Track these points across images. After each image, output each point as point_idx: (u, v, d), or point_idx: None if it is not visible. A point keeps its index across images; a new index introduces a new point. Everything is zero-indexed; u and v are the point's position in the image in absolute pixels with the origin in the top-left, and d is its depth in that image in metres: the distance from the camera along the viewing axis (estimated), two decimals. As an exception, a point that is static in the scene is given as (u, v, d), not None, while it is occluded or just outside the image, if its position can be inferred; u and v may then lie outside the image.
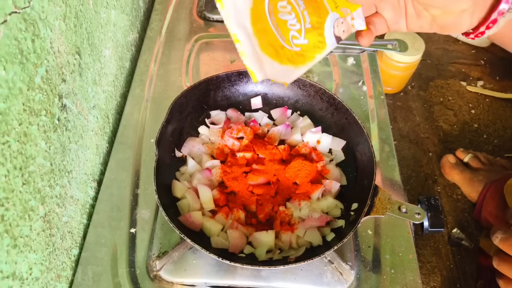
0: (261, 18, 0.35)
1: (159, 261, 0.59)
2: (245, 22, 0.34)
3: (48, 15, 0.47)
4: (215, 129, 0.71)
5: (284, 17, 0.36)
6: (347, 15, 0.40)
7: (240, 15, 0.34)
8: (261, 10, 0.35)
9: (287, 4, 0.36)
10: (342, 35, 0.41)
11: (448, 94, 1.38)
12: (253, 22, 0.34)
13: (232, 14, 0.34)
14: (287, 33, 0.37)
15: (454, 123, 1.29)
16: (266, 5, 0.35)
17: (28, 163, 0.44)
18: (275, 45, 0.36)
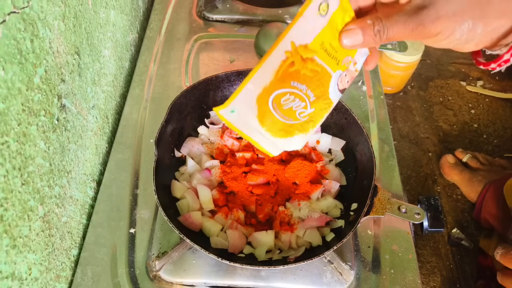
0: (268, 116, 0.37)
1: (158, 261, 0.59)
2: (255, 126, 0.37)
3: (47, 15, 0.47)
4: (215, 129, 0.71)
5: (288, 106, 0.38)
6: (349, 64, 0.40)
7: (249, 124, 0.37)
8: (267, 112, 0.37)
9: (290, 95, 0.37)
10: (347, 85, 0.41)
11: (448, 94, 1.38)
12: (261, 123, 0.37)
13: (243, 125, 0.37)
14: (294, 115, 0.39)
15: (454, 123, 1.29)
16: (270, 106, 0.37)
17: (27, 163, 0.44)
18: (285, 129, 0.39)
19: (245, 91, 0.35)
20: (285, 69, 0.36)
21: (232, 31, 0.92)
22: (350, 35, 0.36)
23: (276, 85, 0.36)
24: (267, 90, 0.36)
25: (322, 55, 0.37)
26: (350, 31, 0.36)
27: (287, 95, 0.37)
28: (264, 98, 0.36)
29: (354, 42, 0.37)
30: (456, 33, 0.35)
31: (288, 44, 0.35)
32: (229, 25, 0.94)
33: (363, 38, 0.36)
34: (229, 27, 0.93)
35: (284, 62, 0.36)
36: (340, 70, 0.39)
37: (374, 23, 0.35)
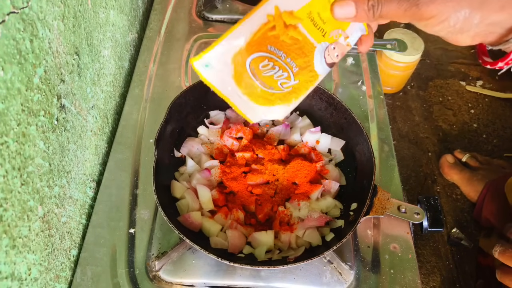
0: (245, 79, 0.36)
1: (158, 261, 0.59)
2: (233, 87, 0.36)
3: (46, 15, 0.47)
4: (214, 129, 0.71)
5: (268, 73, 0.37)
6: (339, 37, 0.38)
7: (225, 83, 0.36)
8: (244, 74, 0.36)
9: (268, 61, 0.36)
10: (336, 59, 0.40)
11: (447, 94, 1.38)
12: (238, 85, 0.36)
13: (219, 83, 0.36)
14: (275, 84, 0.38)
15: (454, 123, 1.29)
16: (248, 69, 0.36)
17: (26, 164, 0.44)
18: (265, 96, 0.38)
19: (220, 47, 0.34)
20: (264, 32, 0.35)
21: (231, 31, 0.92)
22: (343, 6, 0.36)
23: (253, 47, 0.35)
24: (243, 50, 0.35)
25: (307, 24, 0.36)
26: (343, 2, 0.35)
27: (265, 60, 0.36)
28: (240, 58, 0.35)
29: (346, 14, 0.36)
30: (451, 19, 0.34)
31: (272, 7, 0.34)
32: (229, 25, 0.93)
33: (355, 11, 0.35)
34: (229, 27, 0.93)
35: (264, 25, 0.34)
36: (326, 42, 0.38)
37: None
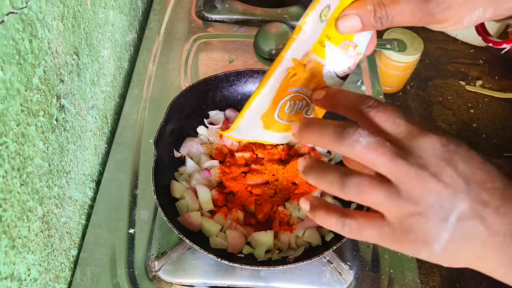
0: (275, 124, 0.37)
1: (158, 261, 0.59)
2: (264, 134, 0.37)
3: (45, 16, 0.47)
4: (214, 129, 0.71)
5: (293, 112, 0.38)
6: (348, 48, 0.37)
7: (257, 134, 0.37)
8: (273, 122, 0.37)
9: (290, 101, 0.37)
10: (349, 70, 0.39)
11: (447, 94, 1.38)
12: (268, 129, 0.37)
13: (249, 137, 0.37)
14: (301, 116, 0.39)
15: (453, 123, 1.29)
16: (277, 119, 0.37)
17: (26, 164, 0.44)
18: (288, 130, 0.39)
19: (248, 114, 0.35)
20: (286, 83, 0.35)
21: (231, 31, 0.92)
22: (347, 20, 0.34)
23: (278, 99, 0.36)
24: (271, 108, 0.36)
25: (317, 50, 0.35)
26: (347, 17, 0.33)
27: (288, 102, 0.36)
28: (268, 114, 0.36)
29: (352, 29, 0.34)
30: (464, 20, 0.33)
31: (290, 62, 0.34)
32: (228, 25, 0.94)
33: (361, 25, 0.34)
34: (228, 27, 0.93)
35: (286, 78, 0.35)
36: None
37: (376, 10, 0.33)
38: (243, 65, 0.86)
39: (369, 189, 0.27)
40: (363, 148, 0.27)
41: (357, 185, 0.28)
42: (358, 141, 0.27)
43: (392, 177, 0.27)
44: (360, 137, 0.27)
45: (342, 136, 0.28)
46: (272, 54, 0.85)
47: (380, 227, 0.28)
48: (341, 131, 0.28)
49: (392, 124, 0.28)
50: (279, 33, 0.85)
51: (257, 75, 0.73)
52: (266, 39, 0.85)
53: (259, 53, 0.87)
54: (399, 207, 0.27)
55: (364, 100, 0.30)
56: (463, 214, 0.26)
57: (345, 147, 0.28)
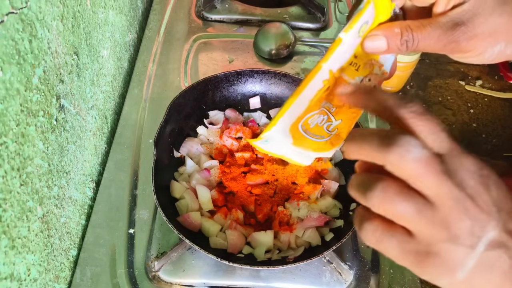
0: (303, 141, 0.36)
1: (157, 261, 0.59)
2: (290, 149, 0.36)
3: (45, 16, 0.47)
4: (214, 129, 0.71)
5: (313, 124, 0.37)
6: (373, 68, 0.38)
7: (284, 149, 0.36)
8: (301, 137, 0.36)
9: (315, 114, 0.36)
10: None
11: (447, 94, 1.38)
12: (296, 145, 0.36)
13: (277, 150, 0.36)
14: (322, 131, 0.37)
15: (453, 123, 1.29)
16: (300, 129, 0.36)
17: (26, 164, 0.44)
18: (319, 145, 0.37)
19: (281, 123, 0.34)
20: (320, 95, 0.35)
21: (231, 31, 0.92)
22: (374, 41, 0.34)
23: (308, 111, 0.35)
24: (300, 117, 0.35)
25: (345, 67, 0.35)
26: (375, 37, 0.34)
27: (314, 115, 0.36)
28: (296, 123, 0.35)
29: (377, 49, 0.34)
30: (487, 53, 0.34)
31: (327, 73, 0.34)
32: (228, 25, 0.94)
33: (387, 46, 0.34)
34: (228, 27, 0.93)
35: (320, 90, 0.34)
36: (360, 76, 0.37)
37: (403, 33, 0.33)
38: (243, 65, 0.86)
39: (397, 197, 0.25)
40: (414, 160, 0.25)
41: (383, 191, 0.26)
42: (409, 151, 0.25)
43: (432, 194, 0.25)
44: (412, 148, 0.25)
45: (391, 144, 0.25)
46: (272, 54, 0.85)
47: (403, 242, 0.26)
48: (389, 139, 0.26)
49: (437, 138, 0.26)
50: (279, 33, 0.85)
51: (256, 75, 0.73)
52: (266, 39, 0.85)
53: (259, 53, 0.87)
54: (432, 227, 0.25)
55: (407, 104, 0.27)
56: (491, 242, 0.25)
57: (393, 156, 0.25)
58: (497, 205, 0.25)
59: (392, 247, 0.26)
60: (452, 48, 0.33)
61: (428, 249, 0.25)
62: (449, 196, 0.25)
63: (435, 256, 0.25)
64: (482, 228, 0.25)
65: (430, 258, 0.25)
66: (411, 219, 0.25)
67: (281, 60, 0.87)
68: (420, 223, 0.25)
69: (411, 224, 0.26)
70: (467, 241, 0.25)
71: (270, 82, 0.74)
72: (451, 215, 0.25)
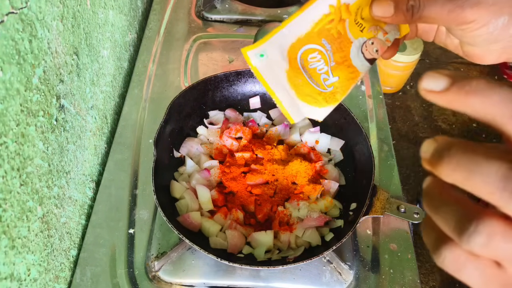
0: (297, 74, 0.35)
1: (157, 261, 0.59)
2: (282, 81, 0.34)
3: (45, 16, 0.47)
4: (214, 129, 0.71)
5: (314, 65, 0.36)
6: (378, 32, 0.38)
7: (276, 76, 0.34)
8: (295, 67, 0.35)
9: (318, 54, 0.36)
10: (376, 54, 0.39)
11: (446, 94, 1.38)
12: (289, 79, 0.35)
13: (269, 75, 0.34)
14: (318, 78, 0.37)
15: (453, 123, 1.29)
16: (299, 61, 0.35)
17: (26, 164, 0.44)
18: (312, 94, 0.36)
19: (280, 35, 0.33)
20: (323, 24, 0.34)
21: (231, 31, 0.92)
22: (381, 4, 0.35)
23: (310, 38, 0.34)
24: (300, 41, 0.34)
25: (351, 19, 0.36)
26: (382, 1, 0.35)
27: (316, 52, 0.35)
28: (295, 49, 0.34)
29: (384, 13, 0.35)
30: (490, 25, 0.33)
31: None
32: (228, 25, 0.94)
33: (394, 11, 0.34)
34: (228, 27, 0.93)
35: (326, 16, 0.34)
36: (364, 38, 0.37)
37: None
38: (243, 65, 0.86)
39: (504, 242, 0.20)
40: None
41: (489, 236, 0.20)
42: None
43: None
44: None
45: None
46: (272, 54, 0.85)
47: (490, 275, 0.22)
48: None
49: None
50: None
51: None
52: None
53: (259, 53, 0.87)
54: None
55: None
56: None
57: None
58: None
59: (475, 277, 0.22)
60: (457, 15, 0.33)
61: None
62: None
63: None
64: None
65: None
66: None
67: (281, 60, 0.87)
68: None
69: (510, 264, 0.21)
70: None
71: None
72: None
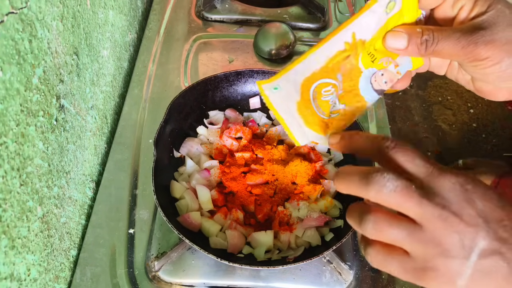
0: (307, 105, 0.36)
1: (157, 261, 0.59)
2: (292, 110, 0.35)
3: (45, 16, 0.47)
4: (214, 129, 0.71)
5: (327, 98, 0.37)
6: (389, 64, 0.38)
7: (287, 107, 0.35)
8: (306, 99, 0.36)
9: (332, 87, 0.36)
10: (385, 86, 0.39)
11: (447, 94, 1.38)
12: (299, 110, 0.36)
13: (280, 106, 0.35)
14: (327, 109, 0.37)
15: (453, 123, 1.29)
16: (311, 93, 0.35)
17: (25, 164, 0.44)
18: (320, 124, 0.37)
19: (295, 71, 0.34)
20: (339, 60, 0.35)
21: (231, 31, 0.92)
22: (395, 37, 0.35)
23: (324, 73, 0.35)
24: (315, 75, 0.35)
25: (365, 52, 0.36)
26: (396, 33, 0.35)
27: (330, 86, 0.36)
28: (309, 82, 0.35)
29: (397, 45, 0.35)
30: (503, 63, 0.34)
31: (350, 34, 0.34)
32: (228, 25, 0.94)
33: (407, 43, 0.35)
34: (228, 27, 0.93)
35: (340, 52, 0.34)
36: (374, 68, 0.37)
37: (424, 32, 0.34)
38: (243, 65, 0.86)
39: (387, 227, 0.28)
40: (390, 192, 0.28)
41: (374, 223, 0.29)
42: (385, 186, 0.28)
43: (417, 217, 0.28)
44: (386, 182, 0.28)
45: (368, 182, 0.28)
46: (272, 54, 0.85)
47: (402, 262, 0.29)
48: (367, 177, 0.29)
49: (413, 165, 0.29)
50: (279, 33, 0.85)
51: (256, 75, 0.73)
52: (266, 39, 0.85)
53: (259, 53, 0.87)
54: (424, 246, 0.27)
55: (381, 141, 0.31)
56: (483, 251, 0.27)
57: (373, 193, 0.28)
58: (484, 216, 0.27)
59: (394, 268, 0.29)
60: (470, 51, 0.34)
61: (425, 265, 0.28)
62: (433, 216, 0.27)
63: (433, 270, 0.28)
64: (472, 239, 0.27)
65: (429, 273, 0.28)
66: (404, 242, 0.28)
67: (281, 60, 0.87)
68: (412, 244, 0.28)
69: (405, 246, 0.28)
70: (459, 253, 0.27)
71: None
72: (439, 232, 0.27)
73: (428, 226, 0.27)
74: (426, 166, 0.29)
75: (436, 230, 0.27)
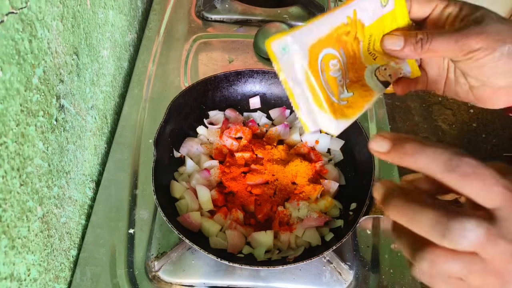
0: (315, 76, 0.35)
1: (157, 261, 0.59)
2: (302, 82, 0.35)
3: (45, 16, 0.47)
4: (214, 129, 0.71)
5: (334, 74, 0.37)
6: (390, 61, 0.40)
7: (296, 76, 0.35)
8: (315, 69, 0.35)
9: (337, 62, 0.37)
10: (389, 79, 0.40)
11: (446, 94, 1.39)
12: (307, 80, 0.35)
13: (289, 75, 0.35)
14: (335, 88, 0.37)
15: (453, 123, 1.29)
16: (319, 63, 0.36)
17: (25, 164, 0.44)
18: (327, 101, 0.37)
19: (300, 32, 0.34)
20: (341, 33, 0.36)
21: (231, 31, 0.92)
22: (392, 38, 0.38)
23: (329, 42, 0.36)
24: (321, 42, 0.35)
25: (364, 45, 0.38)
26: (393, 35, 0.38)
27: (335, 60, 0.37)
28: (316, 50, 0.35)
29: (394, 46, 0.38)
30: (495, 53, 0.35)
31: (351, 11, 0.36)
32: (228, 25, 0.94)
33: (403, 44, 0.37)
34: (228, 27, 0.93)
35: (343, 25, 0.36)
36: (377, 64, 0.40)
37: (418, 33, 0.36)
38: (242, 65, 0.86)
39: (443, 263, 0.25)
40: (470, 244, 0.24)
41: (431, 262, 0.25)
42: (466, 238, 0.24)
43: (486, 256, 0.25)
44: (468, 233, 0.24)
45: (445, 234, 0.24)
46: (271, 54, 0.85)
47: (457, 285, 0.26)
48: (445, 225, 0.24)
49: (488, 196, 0.25)
50: (279, 33, 0.85)
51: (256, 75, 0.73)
52: (266, 39, 0.85)
53: (259, 53, 0.87)
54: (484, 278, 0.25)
55: (453, 166, 0.25)
56: None
57: (448, 244, 0.24)
58: None
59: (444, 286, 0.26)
60: (463, 43, 0.35)
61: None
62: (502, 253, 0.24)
63: None
64: None
65: None
66: (460, 274, 0.25)
67: (281, 60, 0.87)
68: (470, 275, 0.25)
69: (461, 276, 0.25)
70: None
71: (270, 82, 0.74)
72: (503, 266, 0.24)
73: (492, 261, 0.24)
74: (504, 193, 0.24)
75: (500, 264, 0.25)
